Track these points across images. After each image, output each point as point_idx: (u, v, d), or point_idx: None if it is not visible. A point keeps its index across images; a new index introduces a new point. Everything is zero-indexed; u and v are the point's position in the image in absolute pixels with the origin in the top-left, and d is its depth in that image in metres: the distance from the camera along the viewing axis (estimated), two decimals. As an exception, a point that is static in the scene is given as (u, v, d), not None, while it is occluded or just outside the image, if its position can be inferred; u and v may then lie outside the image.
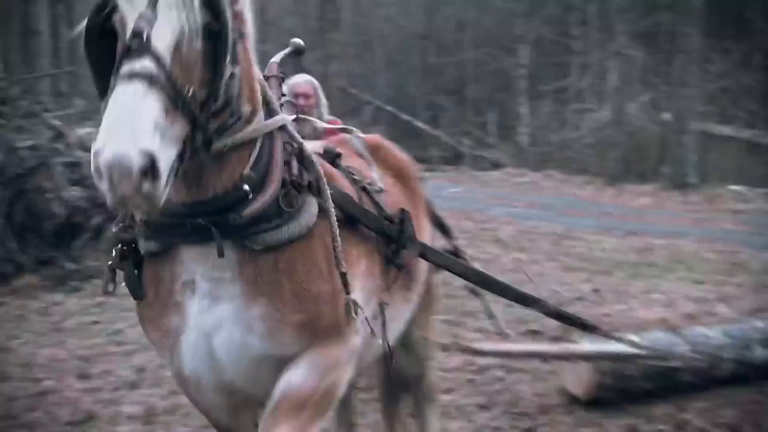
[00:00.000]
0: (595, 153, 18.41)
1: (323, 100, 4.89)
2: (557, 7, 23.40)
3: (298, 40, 3.02)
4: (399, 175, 3.10)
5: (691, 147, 16.14)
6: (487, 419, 4.53)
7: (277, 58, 2.81)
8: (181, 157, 1.83)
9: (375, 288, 2.54)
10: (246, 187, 2.09)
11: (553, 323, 6.10)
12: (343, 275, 2.23)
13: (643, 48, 19.85)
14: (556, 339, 5.77)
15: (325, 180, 2.31)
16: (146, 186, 1.72)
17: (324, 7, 21.39)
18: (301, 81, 4.92)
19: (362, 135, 3.21)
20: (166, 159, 1.77)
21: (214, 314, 2.17)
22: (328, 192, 2.29)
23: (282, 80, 2.70)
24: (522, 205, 13.69)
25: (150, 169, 1.71)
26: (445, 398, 4.62)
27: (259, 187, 2.14)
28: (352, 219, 2.45)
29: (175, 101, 1.80)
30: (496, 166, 19.67)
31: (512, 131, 22.07)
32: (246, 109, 2.11)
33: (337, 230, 2.25)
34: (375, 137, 3.29)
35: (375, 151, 3.10)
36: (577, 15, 22.96)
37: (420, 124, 22.63)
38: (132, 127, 1.71)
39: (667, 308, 6.72)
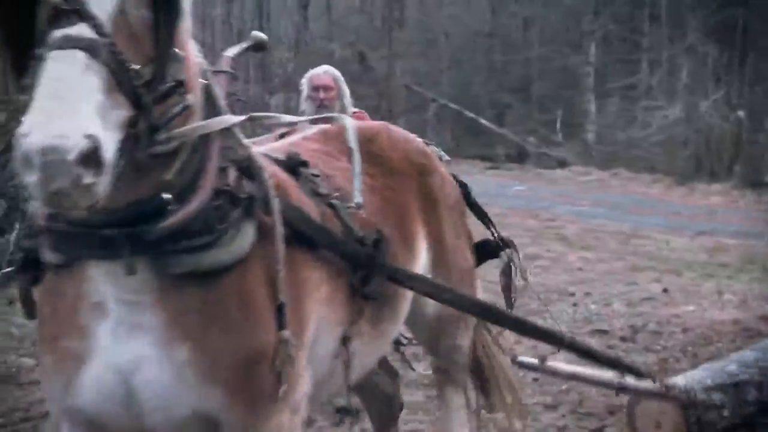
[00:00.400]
0: (665, 151, 18.05)
1: (346, 92, 4.60)
2: (626, 2, 22.99)
3: (259, 34, 2.58)
4: (395, 173, 2.62)
5: (766, 145, 15.68)
6: (553, 419, 4.47)
7: (232, 51, 2.41)
8: (122, 146, 1.52)
9: (338, 319, 2.17)
10: (166, 195, 1.72)
11: (620, 323, 6.06)
12: (281, 308, 1.86)
13: (715, 44, 19.37)
14: (623, 339, 5.69)
15: (273, 192, 1.92)
16: (87, 178, 1.41)
17: (389, 5, 21.45)
18: (320, 72, 4.65)
19: (357, 123, 2.72)
20: (111, 146, 1.47)
21: (131, 347, 1.79)
22: (277, 207, 1.91)
23: (234, 77, 2.34)
24: (588, 203, 13.48)
25: (93, 156, 1.41)
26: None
27: (184, 196, 1.75)
28: (305, 238, 2.06)
29: (118, 78, 1.50)
30: (562, 164, 19.42)
31: (579, 129, 21.77)
32: (191, 98, 1.74)
33: (283, 254, 1.88)
34: (374, 126, 2.81)
35: (369, 144, 2.58)
36: (647, 10, 22.52)
37: (485, 122, 22.50)
38: (71, 105, 1.41)
39: (739, 309, 6.54)
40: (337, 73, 4.61)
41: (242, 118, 1.98)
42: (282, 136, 2.72)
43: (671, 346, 5.42)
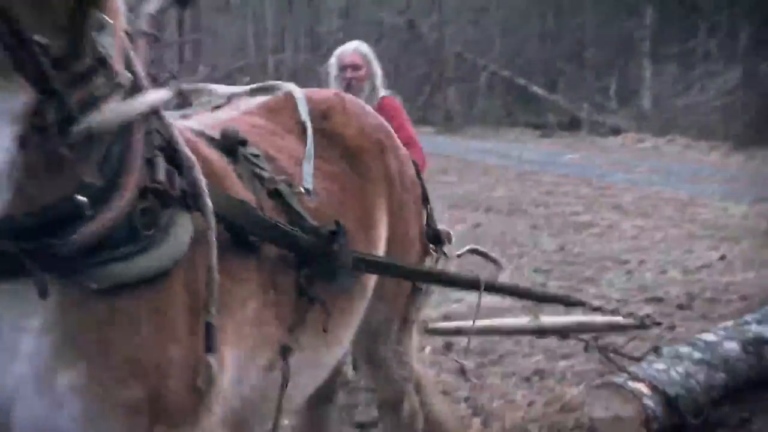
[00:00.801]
0: (723, 117, 17.61)
1: (378, 72, 4.24)
2: (684, -36, 22.40)
3: None
4: (353, 154, 2.26)
5: (830, 110, 15.20)
6: (606, 386, 4.43)
7: (152, 6, 2.03)
8: (23, 142, 1.24)
9: (268, 337, 1.81)
10: (81, 198, 1.36)
11: (676, 291, 5.96)
12: (210, 328, 1.55)
13: (777, 5, 18.77)
14: (679, 307, 5.59)
15: (205, 188, 1.56)
16: None
17: (440, -29, 21.24)
18: (349, 49, 4.30)
19: (307, 93, 2.33)
20: (3, 145, 1.20)
21: (12, 376, 1.45)
22: (210, 207, 1.55)
23: (155, 39, 1.95)
24: (643, 171, 13.25)
25: None
26: (563, 363, 4.55)
27: (103, 197, 1.40)
28: (243, 239, 1.71)
29: (16, 55, 1.18)
30: (616, 131, 19.13)
31: (634, 95, 21.38)
32: (124, 76, 1.42)
33: (216, 263, 1.55)
34: (326, 98, 2.39)
35: (322, 120, 2.24)
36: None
37: (537, 90, 22.22)
38: None
39: (801, 277, 6.38)
40: (367, 50, 4.29)
41: (170, 92, 1.65)
42: (220, 108, 2.32)
43: (728, 314, 5.30)
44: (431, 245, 2.63)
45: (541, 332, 3.83)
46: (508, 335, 4.19)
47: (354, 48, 4.27)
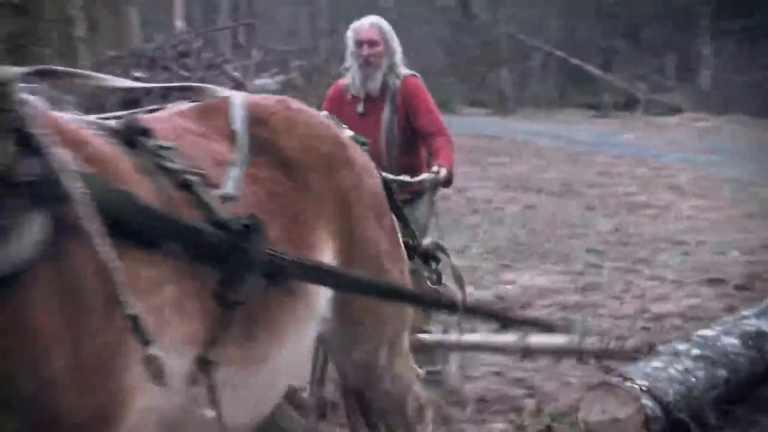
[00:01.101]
0: (786, 94, 17.14)
1: (396, 49, 3.98)
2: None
3: None
4: (291, 165, 2.00)
5: None
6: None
7: None
8: None
9: (190, 336, 1.60)
10: None
11: (736, 271, 5.85)
12: (134, 320, 1.38)
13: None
14: (738, 288, 5.49)
15: (68, 174, 1.37)
16: None
17: (492, -50, 21.01)
18: (365, 24, 4.02)
19: (249, 99, 2.12)
20: None
21: None
22: (76, 193, 1.36)
23: (17, 10, 1.71)
24: (702, 151, 12.97)
25: None
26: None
27: None
28: (132, 234, 1.50)
29: None
30: (673, 111, 18.73)
31: (692, 74, 20.91)
32: None
33: (109, 254, 1.37)
34: (269, 104, 2.16)
35: (257, 127, 2.00)
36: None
37: (592, 69, 21.87)
38: None
39: None
40: (385, 25, 4.01)
41: (24, 69, 1.46)
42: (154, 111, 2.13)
43: (790, 296, 5.20)
44: (426, 264, 2.46)
45: (527, 352, 3.60)
46: (493, 352, 3.94)
47: (371, 22, 4.00)
